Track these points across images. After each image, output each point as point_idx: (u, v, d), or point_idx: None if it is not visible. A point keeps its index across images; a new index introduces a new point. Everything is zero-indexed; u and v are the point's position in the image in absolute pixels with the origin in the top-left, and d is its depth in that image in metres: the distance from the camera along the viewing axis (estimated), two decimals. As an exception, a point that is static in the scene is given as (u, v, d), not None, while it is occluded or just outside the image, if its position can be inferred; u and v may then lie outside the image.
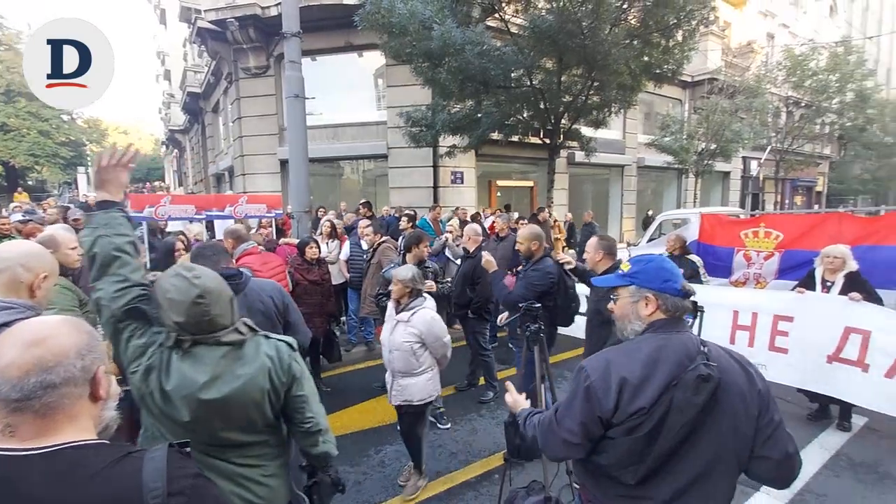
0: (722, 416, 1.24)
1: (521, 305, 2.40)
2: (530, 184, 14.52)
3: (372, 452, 3.60)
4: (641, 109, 16.31)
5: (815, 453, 3.48)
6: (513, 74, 7.97)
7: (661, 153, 14.63)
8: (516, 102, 8.35)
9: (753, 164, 18.50)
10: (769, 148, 16.54)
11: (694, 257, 5.35)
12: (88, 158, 31.99)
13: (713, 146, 13.59)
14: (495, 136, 9.45)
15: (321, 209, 9.09)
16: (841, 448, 3.57)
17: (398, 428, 3.75)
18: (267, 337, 1.52)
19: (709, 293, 4.75)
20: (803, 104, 16.75)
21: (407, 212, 6.89)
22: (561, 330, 4.68)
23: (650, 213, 14.68)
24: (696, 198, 15.54)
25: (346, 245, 5.96)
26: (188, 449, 0.93)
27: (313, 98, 6.97)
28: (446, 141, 9.83)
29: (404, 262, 3.66)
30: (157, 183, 35.54)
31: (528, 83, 8.05)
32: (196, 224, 6.25)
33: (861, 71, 16.16)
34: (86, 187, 25.89)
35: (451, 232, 6.04)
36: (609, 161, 15.52)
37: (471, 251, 4.59)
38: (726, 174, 19.13)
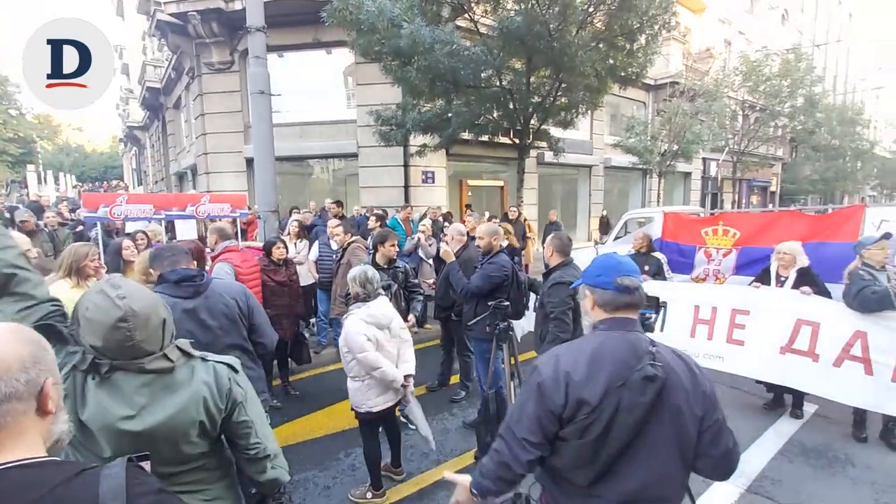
0: (668, 415, 1.27)
1: (490, 304, 2.41)
2: (501, 183, 14.65)
3: (342, 456, 3.55)
4: (608, 111, 16.74)
5: (771, 441, 3.65)
6: (482, 74, 8.01)
7: (627, 154, 15.08)
8: (486, 102, 8.40)
9: (712, 165, 19.30)
10: (726, 149, 17.27)
11: (659, 254, 5.53)
12: (39, 156, 30.25)
13: (675, 147, 14.11)
14: (466, 135, 9.49)
15: (295, 209, 8.89)
16: (794, 435, 3.76)
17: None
18: (204, 360, 1.39)
19: (672, 289, 4.92)
20: (758, 108, 17.59)
21: (376, 211, 6.82)
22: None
23: (604, 213, 15.08)
24: (659, 197, 16.07)
25: (316, 245, 5.85)
26: (147, 462, 0.87)
27: (279, 95, 6.80)
28: (417, 140, 9.79)
29: (373, 261, 3.62)
30: (115, 182, 33.96)
31: (498, 83, 8.11)
32: (154, 224, 5.97)
33: (810, 77, 17.11)
34: (38, 186, 24.47)
35: (423, 232, 6.02)
36: (577, 161, 15.87)
37: (455, 251, 4.61)
38: (688, 174, 19.88)
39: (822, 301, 3.82)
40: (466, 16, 8.31)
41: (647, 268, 5.27)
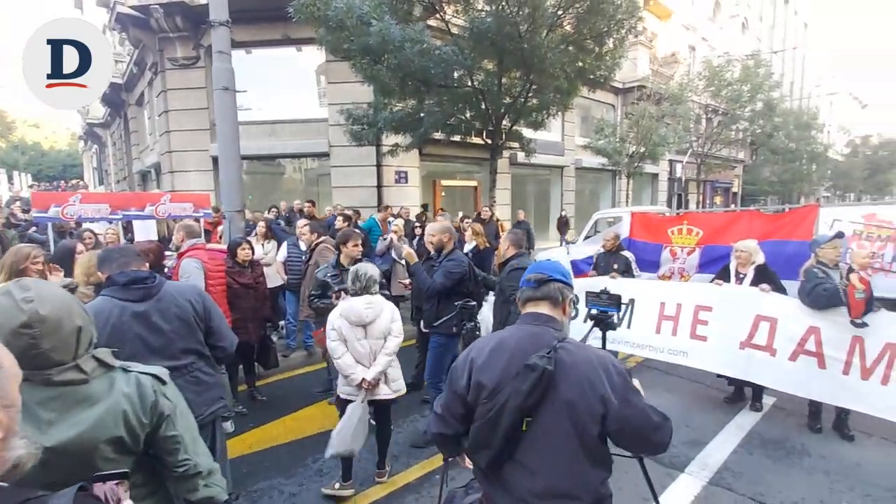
0: (561, 407, 1.33)
1: (456, 304, 2.39)
2: (474, 184, 14.70)
3: (309, 461, 3.46)
4: (579, 113, 17.05)
5: (732, 433, 3.76)
6: (454, 74, 8.01)
7: (597, 155, 15.38)
8: (458, 102, 8.41)
9: (678, 167, 19.92)
10: (689, 151, 17.85)
11: (627, 253, 5.65)
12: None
13: (642, 149, 14.48)
14: (438, 135, 9.48)
15: (273, 208, 8.67)
16: (754, 427, 3.88)
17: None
18: (126, 370, 1.29)
19: (639, 287, 5.03)
20: (720, 112, 18.24)
21: (345, 211, 6.71)
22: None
23: (563, 213, 15.36)
24: (627, 198, 16.46)
25: (284, 246, 5.71)
26: (124, 483, 0.80)
27: (245, 91, 6.60)
28: (389, 140, 9.72)
29: (337, 262, 3.57)
30: (74, 181, 32.37)
31: (470, 84, 8.12)
32: (109, 224, 5.70)
33: (768, 83, 17.86)
34: (-3, 186, 23.12)
35: (395, 232, 5.96)
36: (549, 162, 16.09)
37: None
38: (655, 176, 20.44)
39: (779, 298, 3.96)
40: (438, 16, 8.31)
41: (615, 266, 5.37)
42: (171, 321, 2.18)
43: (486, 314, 4.06)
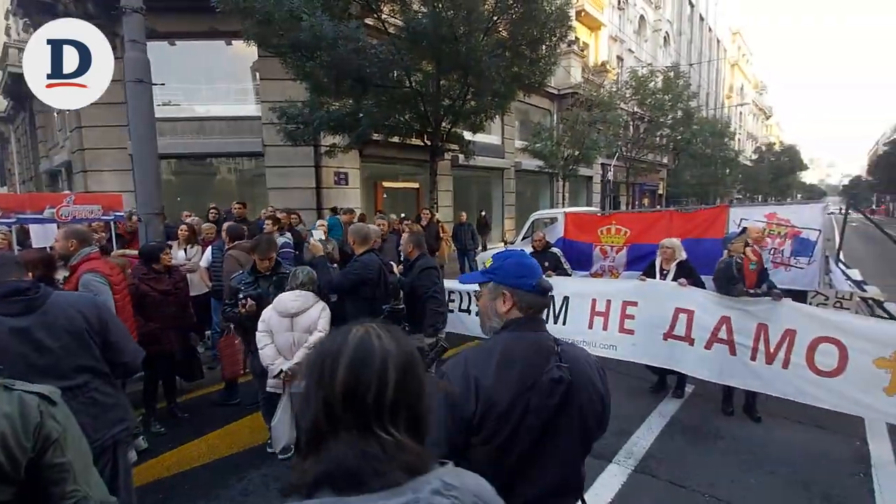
0: (575, 414, 1.28)
1: (384, 308, 2.32)
2: (416, 185, 14.66)
3: (233, 481, 3.22)
4: (517, 117, 17.52)
5: (656, 421, 3.98)
6: (392, 75, 7.93)
7: (535, 158, 15.87)
8: (397, 103, 8.33)
9: (610, 170, 21.05)
10: (616, 155, 18.93)
11: (555, 250, 5.84)
12: None
13: (576, 153, 15.14)
14: (377, 136, 9.34)
15: (213, 209, 8.06)
16: (675, 414, 4.14)
17: (268, 449, 3.46)
18: (9, 388, 1.16)
19: (573, 284, 5.21)
20: (645, 119, 19.50)
21: (276, 214, 6.40)
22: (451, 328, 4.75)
23: (483, 213, 15.75)
24: (564, 199, 17.13)
25: (209, 251, 5.35)
26: None
27: (162, 84, 6.14)
28: (328, 140, 9.44)
29: (253, 268, 3.37)
30: (-31, 181, 28.56)
31: (408, 85, 8.07)
32: None
33: (687, 93, 19.35)
34: None
35: (323, 234, 5.74)
36: (490, 164, 16.42)
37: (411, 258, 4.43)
38: (589, 178, 21.48)
39: (695, 291, 4.25)
40: (374, 15, 8.18)
41: (546, 264, 5.54)
42: (58, 337, 1.93)
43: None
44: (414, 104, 8.32)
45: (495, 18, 7.72)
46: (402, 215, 11.10)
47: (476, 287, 1.47)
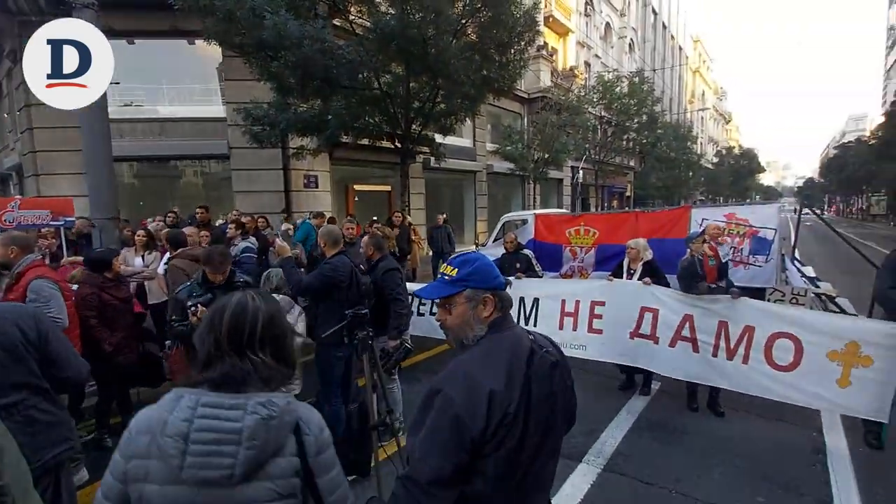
0: (560, 400, 1.28)
1: (347, 313, 2.25)
2: (388, 188, 14.55)
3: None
4: (489, 120, 17.66)
5: (624, 419, 4.04)
6: (360, 76, 7.84)
7: (506, 161, 16.03)
8: (366, 105, 8.24)
9: (581, 173, 21.48)
10: (584, 157, 19.35)
11: (527, 251, 5.88)
12: None
13: (546, 155, 15.37)
14: (347, 139, 9.23)
15: (170, 214, 7.71)
16: (642, 411, 4.21)
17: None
18: None
19: (543, 286, 5.25)
20: (613, 123, 19.99)
21: (241, 218, 6.22)
22: (414, 331, 4.70)
23: (444, 214, 15.76)
24: (535, 201, 17.35)
25: (167, 257, 5.12)
26: None
27: (117, 83, 5.86)
28: (296, 142, 9.25)
29: (203, 278, 3.16)
30: None
31: (377, 86, 7.99)
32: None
33: (651, 98, 19.94)
34: None
35: (290, 236, 5.62)
36: (462, 167, 16.47)
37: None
38: (560, 181, 21.84)
39: (660, 290, 4.34)
40: (342, 16, 8.07)
41: (518, 265, 5.57)
42: (-12, 350, 1.79)
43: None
44: (383, 106, 8.25)
45: (464, 21, 7.73)
46: (375, 219, 11.00)
47: None
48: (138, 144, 10.59)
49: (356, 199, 13.71)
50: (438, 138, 10.18)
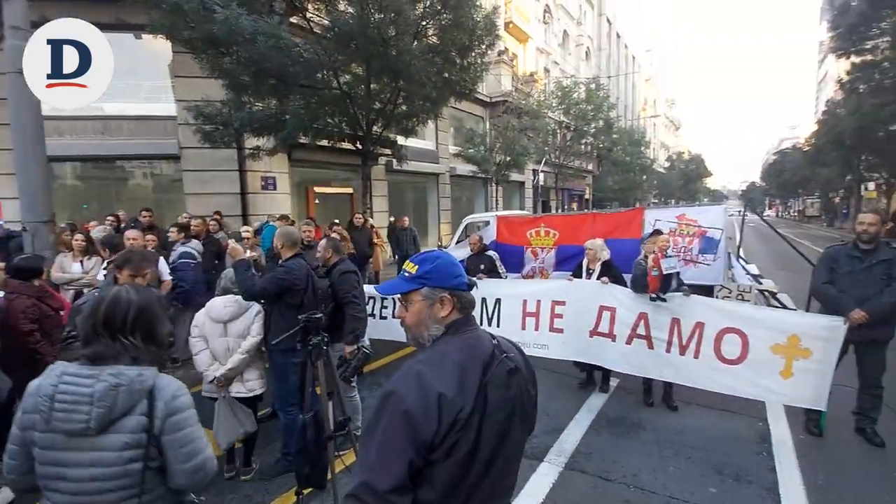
0: (522, 404, 1.24)
1: (300, 318, 2.16)
2: (350, 190, 14.30)
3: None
4: (452, 123, 17.73)
5: (584, 416, 4.11)
6: (322, 76, 7.66)
7: (468, 163, 16.15)
8: (326, 105, 8.05)
9: (541, 176, 21.93)
10: (543, 160, 19.80)
11: (491, 253, 5.91)
12: None
13: (508, 158, 15.60)
14: (306, 139, 9.00)
15: (110, 217, 7.18)
16: (601, 408, 4.29)
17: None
18: None
19: (504, 286, 5.28)
20: (571, 128, 20.54)
21: (181, 220, 5.91)
22: (376, 335, 4.60)
23: (391, 218, 15.71)
24: (497, 204, 17.54)
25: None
26: None
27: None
28: (252, 142, 8.93)
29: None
30: None
31: (337, 86, 7.83)
32: None
33: (607, 104, 20.63)
34: None
35: (247, 240, 5.38)
36: (425, 169, 16.44)
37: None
38: (521, 184, 22.21)
39: (617, 289, 4.45)
40: (300, 14, 7.86)
41: (482, 266, 5.59)
42: None
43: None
44: (343, 107, 8.09)
45: (424, 23, 7.71)
46: (336, 221, 10.77)
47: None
48: (81, 143, 9.91)
49: (317, 201, 13.39)
50: (400, 140, 10.10)
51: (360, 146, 9.22)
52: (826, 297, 3.64)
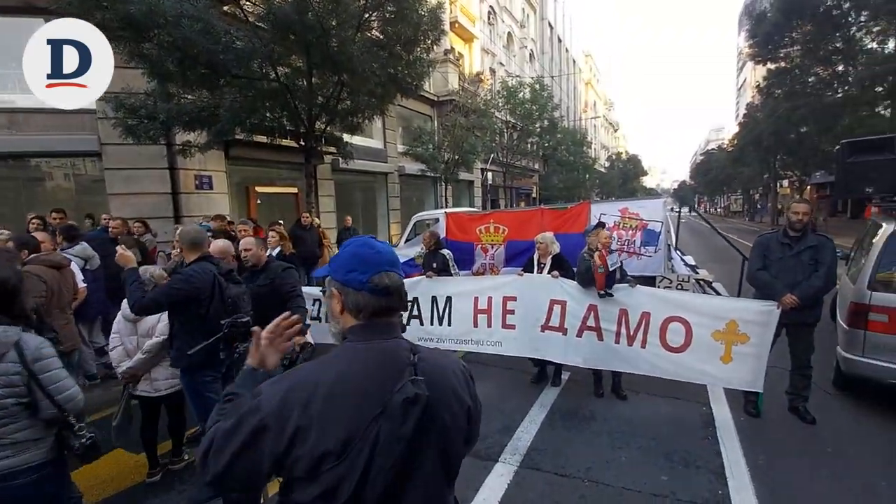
0: (434, 438, 0.99)
1: (223, 323, 1.91)
2: (294, 190, 13.70)
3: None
4: (400, 122, 17.50)
5: (538, 412, 4.06)
6: (260, 67, 7.20)
7: (417, 162, 16.01)
8: (264, 98, 7.58)
9: (490, 175, 22.19)
10: (491, 159, 20.05)
11: (445, 251, 5.77)
12: None
13: (455, 157, 15.62)
14: (242, 135, 8.47)
15: (34, 219, 6.29)
16: (554, 403, 4.27)
17: None
18: None
19: (455, 284, 5.16)
20: (518, 127, 20.92)
21: (52, 220, 5.30)
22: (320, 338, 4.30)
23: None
24: (447, 202, 17.52)
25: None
26: None
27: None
28: (184, 137, 8.27)
29: None
30: None
31: (275, 77, 7.40)
32: None
33: (551, 104, 21.18)
34: None
35: (174, 245, 4.89)
36: (373, 169, 16.12)
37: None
38: (471, 183, 22.34)
39: (567, 282, 4.45)
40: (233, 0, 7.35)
41: (434, 265, 5.44)
42: None
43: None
44: (283, 100, 7.66)
45: (367, 15, 7.45)
46: (281, 222, 10.26)
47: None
48: (-17, 139, 8.81)
49: (259, 201, 12.70)
50: (346, 138, 9.75)
51: (302, 143, 8.79)
52: (760, 283, 3.81)
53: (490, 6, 25.61)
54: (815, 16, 15.99)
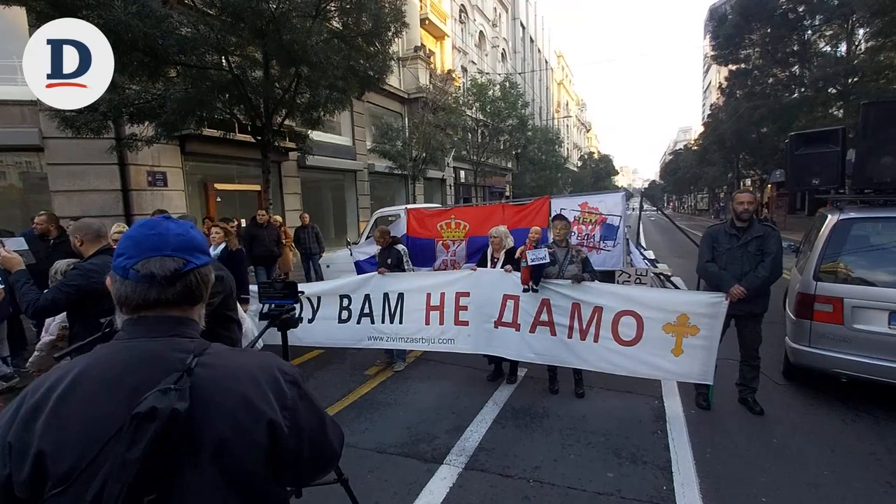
0: (202, 458, 0.78)
1: (102, 321, 1.69)
2: (257, 188, 13.26)
3: None
4: (370, 120, 17.22)
5: (490, 410, 3.93)
6: (210, 56, 6.85)
7: (385, 159, 15.77)
8: (218, 90, 7.22)
9: (462, 173, 22.12)
10: (453, 153, 19.98)
11: (400, 247, 5.60)
12: None
13: (424, 154, 15.45)
14: (195, 129, 8.09)
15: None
16: (508, 400, 4.15)
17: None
18: None
19: (407, 280, 4.98)
20: (489, 125, 20.91)
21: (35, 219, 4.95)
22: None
23: (307, 216, 15.13)
24: (415, 200, 17.36)
25: None
26: None
27: None
28: (132, 130, 7.83)
29: None
30: None
31: (227, 67, 7.06)
32: None
33: (521, 101, 21.25)
34: None
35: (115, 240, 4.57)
36: (341, 166, 15.82)
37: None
38: (442, 180, 22.21)
39: (518, 276, 4.35)
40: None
41: (389, 261, 5.27)
42: None
43: (249, 327, 3.41)
44: (237, 92, 7.32)
45: (324, 4, 7.19)
46: (232, 218, 9.87)
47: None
48: None
49: (219, 199, 12.24)
50: (314, 135, 9.45)
51: (258, 137, 8.45)
52: (709, 274, 3.79)
53: (461, 4, 25.54)
54: (773, 18, 16.54)
